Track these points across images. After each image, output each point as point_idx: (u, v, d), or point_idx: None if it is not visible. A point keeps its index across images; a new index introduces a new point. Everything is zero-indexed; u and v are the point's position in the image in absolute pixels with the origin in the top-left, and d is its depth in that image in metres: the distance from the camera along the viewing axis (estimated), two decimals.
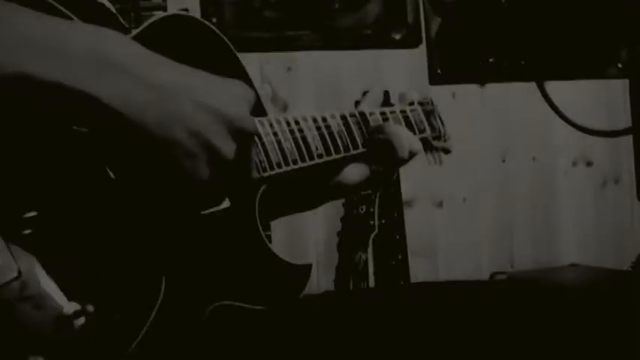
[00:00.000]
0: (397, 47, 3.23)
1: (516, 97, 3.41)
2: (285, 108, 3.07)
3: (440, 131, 1.69)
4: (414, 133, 1.58)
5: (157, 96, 0.97)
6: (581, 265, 3.40)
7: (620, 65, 3.48)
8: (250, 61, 3.00)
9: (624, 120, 3.46)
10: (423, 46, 3.26)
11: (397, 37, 3.21)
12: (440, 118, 1.71)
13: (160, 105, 0.97)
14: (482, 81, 3.36)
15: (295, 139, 1.31)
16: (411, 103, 1.67)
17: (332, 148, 1.39)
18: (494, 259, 3.38)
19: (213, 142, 1.01)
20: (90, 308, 0.96)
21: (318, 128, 1.37)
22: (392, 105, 2.98)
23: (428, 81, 3.26)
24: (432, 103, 1.71)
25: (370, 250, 2.90)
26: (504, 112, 3.40)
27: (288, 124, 1.31)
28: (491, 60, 3.31)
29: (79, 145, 1.01)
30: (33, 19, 0.94)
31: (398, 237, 2.95)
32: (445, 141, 1.73)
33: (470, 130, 3.33)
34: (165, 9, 2.92)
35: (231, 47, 1.27)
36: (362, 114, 1.48)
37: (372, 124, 1.48)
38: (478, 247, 3.38)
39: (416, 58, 3.27)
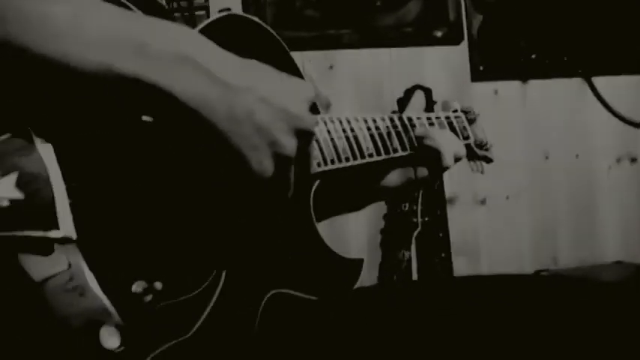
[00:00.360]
0: (439, 44, 3.22)
1: (559, 93, 3.39)
2: (327, 106, 3.06)
3: (482, 139, 1.71)
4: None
5: (228, 92, 1.01)
6: (625, 262, 3.37)
7: None
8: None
9: None
10: (464, 43, 3.25)
11: (439, 34, 3.20)
12: (482, 128, 1.73)
13: (229, 101, 1.01)
14: (524, 77, 3.33)
15: (347, 138, 1.35)
16: (454, 111, 1.69)
17: (382, 149, 1.42)
18: (537, 257, 3.35)
19: (277, 138, 1.04)
20: (158, 286, 1.00)
21: (369, 129, 1.40)
22: (434, 102, 2.99)
23: (470, 78, 3.24)
24: (474, 112, 1.73)
25: (413, 247, 2.90)
26: (547, 108, 3.37)
27: (341, 123, 1.34)
28: (533, 56, 3.29)
29: (147, 136, 1.05)
30: (115, 14, 0.99)
31: (441, 235, 2.94)
32: (487, 149, 1.74)
33: (512, 127, 3.32)
34: (207, 9, 2.94)
35: (286, 47, 1.31)
36: (409, 118, 1.50)
37: (418, 128, 1.50)
38: (521, 245, 3.36)
39: (458, 55, 3.26)
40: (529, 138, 3.35)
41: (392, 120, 1.47)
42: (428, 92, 2.94)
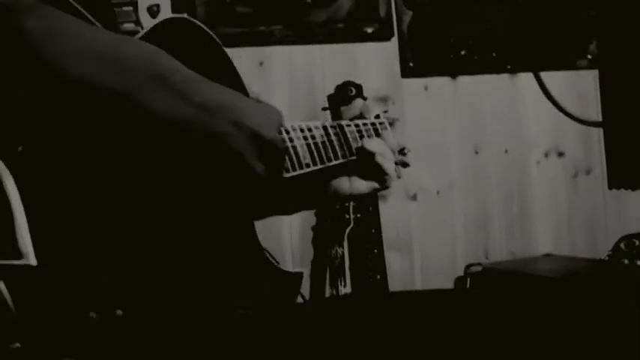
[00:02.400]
0: (369, 40, 3.23)
1: (488, 89, 3.43)
2: None
3: (401, 144, 1.73)
4: None
5: (201, 114, 1.02)
6: (555, 255, 3.43)
7: (589, 57, 3.50)
8: None
9: (595, 111, 3.48)
10: (395, 39, 3.26)
11: (369, 30, 3.21)
12: (400, 133, 1.76)
13: (203, 122, 1.02)
14: (454, 73, 3.36)
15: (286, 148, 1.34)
16: (377, 116, 1.71)
17: (317, 159, 1.41)
18: (468, 251, 3.39)
19: (249, 161, 1.06)
20: (119, 312, 1.01)
21: (305, 138, 1.39)
22: (365, 98, 2.99)
23: (400, 74, 3.26)
24: (392, 119, 1.75)
25: (346, 244, 2.91)
26: (476, 104, 3.41)
27: (279, 132, 1.33)
28: (463, 52, 3.32)
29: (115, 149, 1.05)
30: (91, 30, 1.00)
31: (373, 231, 2.95)
32: (405, 154, 1.76)
33: (443, 122, 3.35)
34: (135, 4, 2.90)
35: (226, 52, 1.31)
36: (340, 126, 1.51)
37: (349, 135, 1.51)
38: (453, 239, 3.39)
39: (388, 52, 3.27)
40: (459, 133, 3.39)
41: (325, 128, 1.47)
42: (358, 88, 2.98)
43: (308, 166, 1.38)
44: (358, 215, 2.92)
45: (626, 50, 3.38)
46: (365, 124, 1.61)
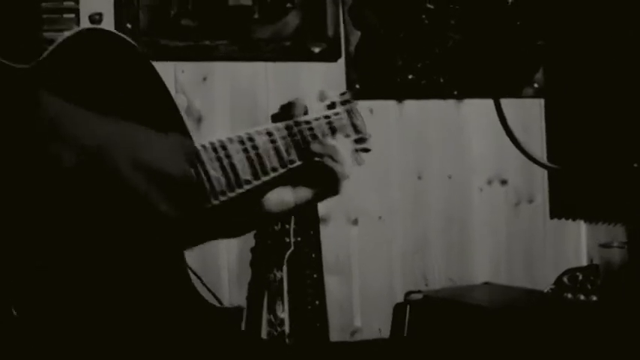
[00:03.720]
0: (316, 60, 3.17)
1: (434, 114, 3.39)
2: (199, 120, 2.98)
3: (363, 133, 1.65)
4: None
5: (89, 157, 0.91)
6: (494, 283, 3.40)
7: (536, 85, 3.49)
8: (165, 69, 2.90)
9: (539, 140, 3.47)
10: (342, 60, 3.21)
11: (316, 49, 3.15)
12: (360, 116, 1.67)
13: (93, 166, 0.91)
14: (400, 97, 3.32)
15: (223, 167, 1.24)
16: (332, 105, 1.62)
17: (260, 171, 1.32)
18: (408, 277, 3.35)
19: (152, 201, 0.95)
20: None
21: (245, 150, 1.30)
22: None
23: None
24: (351, 99, 1.67)
25: (285, 268, 2.83)
26: (421, 128, 3.37)
27: (215, 150, 1.23)
28: (410, 76, 3.28)
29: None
30: None
31: (314, 255, 2.88)
32: (366, 140, 1.69)
33: (387, 146, 3.30)
34: (77, 11, 2.80)
35: (152, 66, 1.19)
36: (288, 127, 1.42)
37: (298, 136, 1.42)
38: (392, 264, 3.34)
39: (335, 72, 3.22)
40: (403, 158, 3.34)
41: (269, 133, 1.38)
42: (304, 109, 2.91)
43: (248, 182, 1.29)
44: (299, 239, 2.85)
45: (572, 80, 3.39)
46: (317, 119, 1.51)
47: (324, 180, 1.45)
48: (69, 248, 0.98)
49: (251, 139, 1.32)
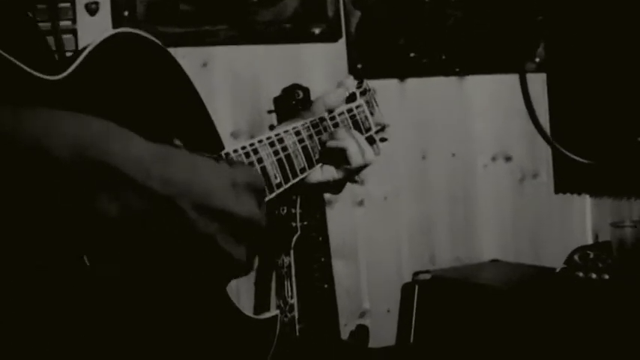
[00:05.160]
0: (316, 41, 3.13)
1: (436, 92, 3.36)
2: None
3: (381, 122, 1.64)
4: (361, 134, 1.52)
5: (157, 204, 0.84)
6: (502, 261, 3.38)
7: (537, 60, 3.46)
8: None
9: (543, 114, 3.44)
10: (342, 41, 3.17)
11: (316, 31, 3.11)
12: (378, 105, 1.66)
13: (160, 214, 0.85)
14: (402, 76, 3.28)
15: (280, 160, 1.23)
16: (352, 96, 1.59)
17: (290, 174, 1.30)
18: (415, 257, 3.33)
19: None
20: None
21: (276, 153, 1.28)
22: (311, 102, 2.87)
23: (348, 75, 3.16)
24: (369, 89, 1.65)
25: (292, 252, 2.81)
26: (424, 107, 3.34)
27: (247, 155, 1.21)
28: (411, 55, 3.25)
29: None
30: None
31: (321, 239, 2.86)
32: (384, 130, 1.68)
33: (390, 126, 3.26)
34: (73, 1, 2.76)
35: (184, 72, 1.16)
36: (314, 124, 1.40)
37: (323, 133, 1.40)
38: (399, 246, 3.32)
39: (336, 53, 3.18)
40: (407, 137, 3.30)
41: (297, 133, 1.35)
42: (305, 91, 2.88)
43: (279, 186, 1.27)
44: (305, 223, 2.82)
45: (574, 53, 3.36)
46: (341, 114, 1.49)
47: (348, 169, 1.43)
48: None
49: (281, 141, 1.30)
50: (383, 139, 1.67)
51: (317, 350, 2.83)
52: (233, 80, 3.04)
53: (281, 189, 1.27)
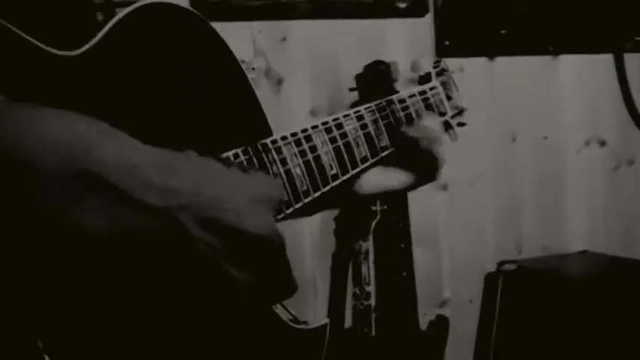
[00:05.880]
0: (402, 16, 2.97)
1: (527, 71, 3.18)
2: (279, 82, 2.82)
3: (458, 105, 1.49)
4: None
5: (153, 218, 0.72)
6: (591, 252, 3.20)
7: (637, 38, 3.25)
8: (240, 30, 2.73)
9: (638, 94, 3.24)
10: (429, 16, 3.01)
11: (402, 5, 2.96)
12: (456, 87, 1.50)
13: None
14: (491, 54, 3.11)
15: (307, 163, 1.08)
16: (427, 76, 1.45)
17: (349, 164, 1.16)
18: (500, 245, 3.16)
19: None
20: None
21: (333, 140, 1.13)
22: (394, 80, 2.70)
23: (434, 53, 3.01)
24: (446, 69, 1.50)
25: (371, 238, 2.68)
26: (514, 87, 3.16)
27: (298, 143, 1.07)
28: (502, 32, 3.07)
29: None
30: None
31: (401, 224, 2.73)
32: (462, 114, 1.53)
33: (478, 106, 3.10)
34: None
35: (229, 49, 1.02)
36: (379, 108, 1.25)
37: (390, 117, 1.26)
38: (483, 233, 3.16)
39: (421, 29, 3.02)
40: (495, 119, 3.14)
41: (360, 117, 1.21)
42: (389, 68, 2.73)
43: (335, 177, 1.13)
44: (385, 207, 2.70)
45: None
46: (412, 96, 1.34)
47: (420, 166, 1.29)
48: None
49: (339, 126, 1.15)
50: (461, 124, 1.51)
51: (394, 339, 2.71)
52: (312, 56, 2.90)
53: (338, 180, 1.13)
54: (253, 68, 2.77)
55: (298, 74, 2.87)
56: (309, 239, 2.89)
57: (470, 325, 3.11)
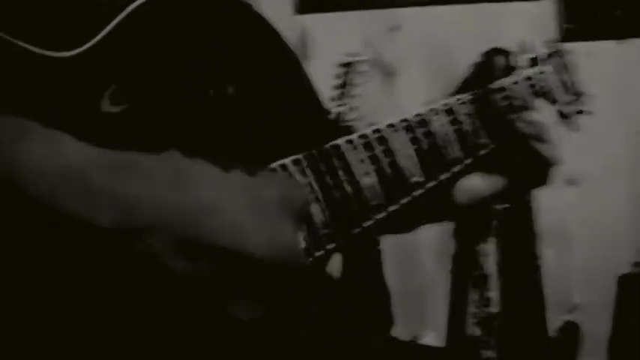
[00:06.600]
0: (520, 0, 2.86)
1: None
2: (391, 73, 2.73)
3: (575, 93, 1.31)
4: None
5: (121, 212, 0.59)
6: None
7: None
8: (349, 20, 2.70)
9: None
10: None
11: None
12: (572, 70, 1.32)
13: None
14: (620, 36, 2.92)
15: (380, 170, 0.90)
16: (534, 60, 1.27)
17: (432, 170, 0.98)
18: (636, 245, 2.96)
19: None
20: None
21: (415, 140, 0.96)
22: (513, 67, 2.49)
23: (557, 38, 2.84)
24: (560, 52, 1.32)
25: (493, 239, 2.54)
26: None
27: (370, 147, 0.90)
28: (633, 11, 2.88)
29: None
30: None
31: (527, 223, 2.61)
32: (580, 100, 1.35)
33: (607, 94, 2.89)
34: None
35: (279, 33, 0.88)
36: (475, 98, 1.07)
37: (490, 109, 1.08)
38: (618, 231, 2.97)
39: (543, 12, 2.88)
40: (627, 107, 2.96)
41: (450, 111, 1.05)
42: (508, 55, 2.57)
43: (420, 185, 0.95)
44: (507, 205, 2.55)
45: None
46: (516, 83, 1.20)
47: (528, 167, 1.11)
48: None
49: (423, 124, 0.99)
50: (582, 112, 1.33)
51: (520, 347, 2.58)
52: (425, 45, 2.82)
53: (422, 189, 0.95)
54: (364, 60, 2.69)
55: (410, 64, 2.78)
56: (425, 241, 2.81)
57: (602, 332, 2.92)
